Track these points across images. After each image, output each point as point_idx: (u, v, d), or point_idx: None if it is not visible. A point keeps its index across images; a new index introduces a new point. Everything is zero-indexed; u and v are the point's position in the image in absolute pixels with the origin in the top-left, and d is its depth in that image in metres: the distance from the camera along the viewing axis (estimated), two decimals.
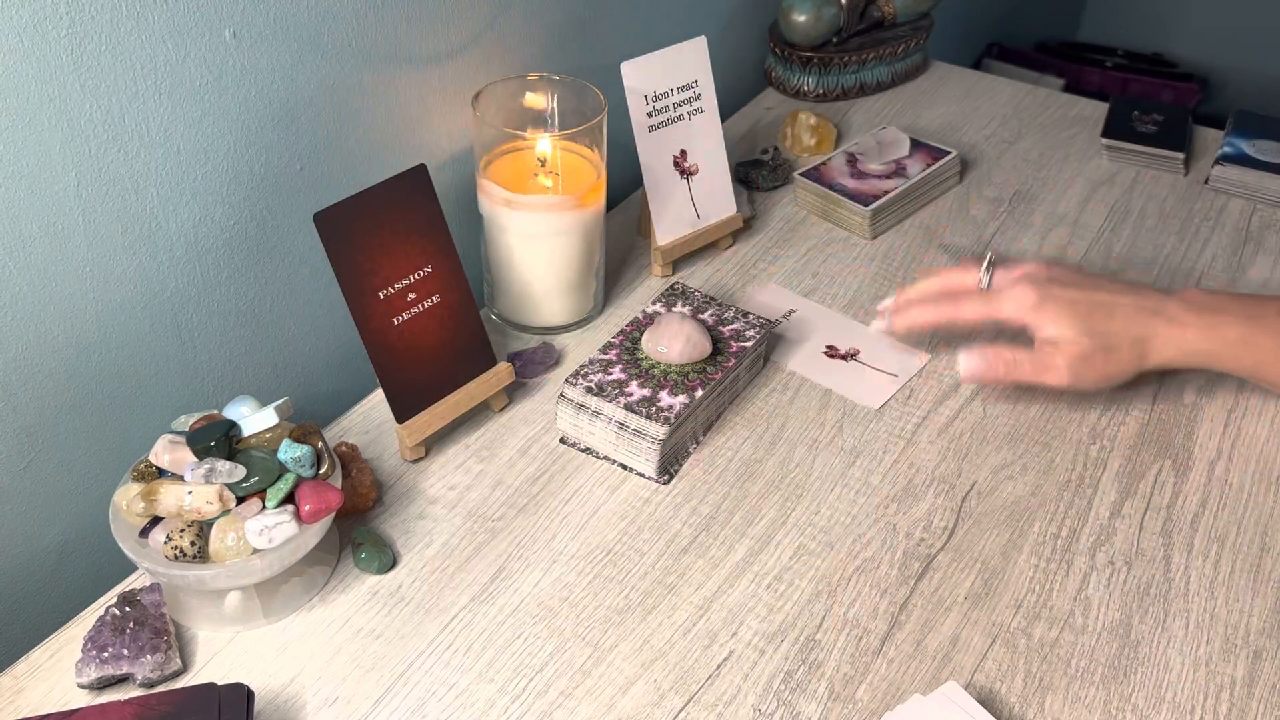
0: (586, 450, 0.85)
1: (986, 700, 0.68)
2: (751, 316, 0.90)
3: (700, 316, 0.90)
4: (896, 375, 0.93)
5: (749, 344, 0.88)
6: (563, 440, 0.85)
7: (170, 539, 0.66)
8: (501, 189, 0.89)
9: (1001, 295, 0.85)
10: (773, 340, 0.95)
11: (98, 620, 0.68)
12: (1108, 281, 0.86)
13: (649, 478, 0.83)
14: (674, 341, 0.84)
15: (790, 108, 1.28)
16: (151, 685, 0.67)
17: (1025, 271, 0.86)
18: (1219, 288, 1.02)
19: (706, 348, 0.85)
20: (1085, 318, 0.83)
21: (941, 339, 0.95)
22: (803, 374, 0.92)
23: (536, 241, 0.91)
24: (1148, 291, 0.85)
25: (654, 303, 0.91)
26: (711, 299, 0.92)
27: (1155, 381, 0.92)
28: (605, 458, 0.84)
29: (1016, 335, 0.87)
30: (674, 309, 0.90)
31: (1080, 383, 0.84)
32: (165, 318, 0.79)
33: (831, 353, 0.95)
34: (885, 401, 0.90)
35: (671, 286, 0.93)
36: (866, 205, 1.07)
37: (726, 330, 0.89)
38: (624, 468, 0.83)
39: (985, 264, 0.87)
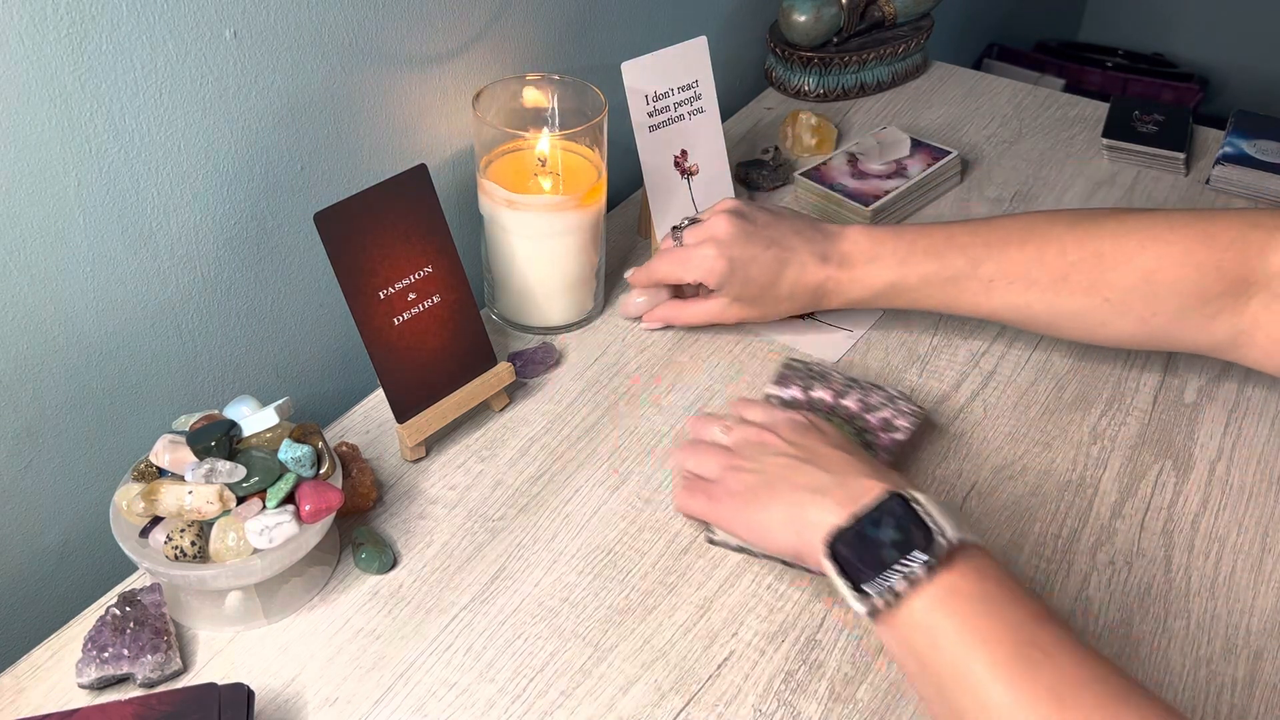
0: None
1: None
2: (901, 404, 0.84)
3: (843, 401, 0.84)
4: (851, 331, 0.96)
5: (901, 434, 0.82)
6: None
7: (170, 539, 0.66)
8: (502, 189, 0.89)
9: (690, 258, 0.89)
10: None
11: (98, 620, 0.68)
12: (786, 226, 0.89)
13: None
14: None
15: (790, 108, 1.28)
16: (152, 685, 0.67)
17: (711, 235, 0.89)
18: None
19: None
20: (764, 286, 0.89)
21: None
22: (765, 332, 0.96)
23: (537, 241, 0.91)
24: (819, 237, 0.89)
25: (775, 383, 0.86)
26: (854, 381, 0.86)
27: (1156, 381, 0.92)
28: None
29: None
30: (811, 392, 0.85)
31: (749, 321, 0.93)
32: (165, 317, 0.79)
33: None
34: (841, 356, 0.93)
35: (789, 363, 0.88)
36: (867, 205, 1.07)
37: (874, 419, 0.83)
38: None
39: (679, 224, 0.92)
